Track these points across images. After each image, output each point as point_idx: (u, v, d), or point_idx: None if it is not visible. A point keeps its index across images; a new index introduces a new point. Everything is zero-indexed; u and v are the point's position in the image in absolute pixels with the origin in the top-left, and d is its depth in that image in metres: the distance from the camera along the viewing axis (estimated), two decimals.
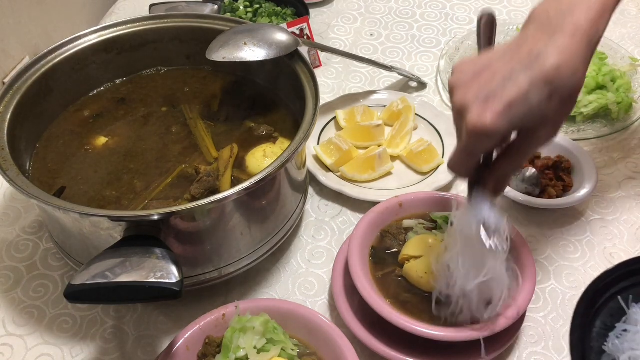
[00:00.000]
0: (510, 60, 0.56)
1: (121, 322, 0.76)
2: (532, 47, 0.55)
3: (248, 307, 0.68)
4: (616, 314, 0.60)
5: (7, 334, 0.75)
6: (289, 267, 0.83)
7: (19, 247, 0.85)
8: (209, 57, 0.82)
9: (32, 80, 0.81)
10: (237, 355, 0.63)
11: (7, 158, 0.70)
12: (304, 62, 0.83)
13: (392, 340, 0.69)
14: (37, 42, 1.18)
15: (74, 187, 0.77)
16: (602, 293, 0.62)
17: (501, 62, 0.56)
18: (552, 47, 0.54)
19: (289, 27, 1.10)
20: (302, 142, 0.71)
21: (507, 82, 0.54)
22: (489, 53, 0.59)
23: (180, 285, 0.58)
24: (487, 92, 0.55)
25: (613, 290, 0.62)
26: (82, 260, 0.73)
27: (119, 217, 0.64)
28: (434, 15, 1.29)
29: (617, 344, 0.57)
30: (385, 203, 0.79)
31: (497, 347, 0.68)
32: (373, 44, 1.22)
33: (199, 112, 0.88)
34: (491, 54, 0.59)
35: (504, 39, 1.17)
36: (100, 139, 0.84)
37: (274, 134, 0.85)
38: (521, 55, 0.55)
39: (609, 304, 0.61)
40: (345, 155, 0.92)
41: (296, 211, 0.81)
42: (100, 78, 0.91)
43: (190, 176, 0.78)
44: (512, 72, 0.55)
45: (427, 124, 1.01)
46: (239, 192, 0.66)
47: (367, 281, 0.70)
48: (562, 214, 0.88)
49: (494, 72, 0.56)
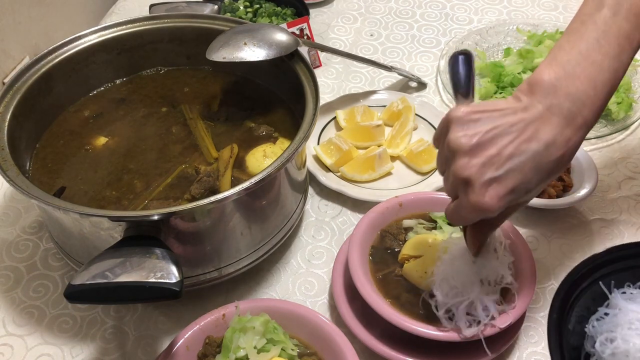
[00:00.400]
0: (518, 139, 0.55)
1: (121, 322, 0.76)
2: (542, 133, 0.55)
3: (248, 307, 0.68)
4: (599, 299, 0.62)
5: (7, 334, 0.75)
6: (289, 267, 0.83)
7: (19, 247, 0.85)
8: (209, 57, 0.82)
9: (32, 80, 0.81)
10: (237, 355, 0.63)
11: (7, 158, 0.70)
12: (304, 62, 0.83)
13: (392, 340, 0.69)
14: (37, 42, 1.18)
15: (74, 187, 0.77)
16: (584, 278, 0.64)
17: (507, 138, 0.56)
18: (561, 139, 0.55)
19: (289, 27, 1.10)
20: (302, 142, 0.71)
21: (513, 167, 0.55)
22: (494, 112, 0.57)
23: (180, 285, 0.58)
24: (492, 174, 0.55)
25: (596, 275, 0.64)
26: (82, 260, 0.73)
27: (119, 217, 0.64)
28: (434, 15, 1.29)
29: (596, 326, 0.60)
30: (385, 203, 0.79)
31: (497, 347, 0.68)
32: (373, 44, 1.22)
33: (199, 112, 0.88)
34: (495, 115, 0.57)
35: (504, 39, 1.17)
36: (100, 139, 0.84)
37: (274, 134, 0.85)
38: (529, 138, 0.55)
39: (592, 289, 0.63)
40: (345, 155, 0.92)
41: (296, 211, 0.81)
42: (100, 78, 0.91)
43: (190, 176, 0.78)
44: (519, 155, 0.55)
45: (427, 124, 1.01)
46: (239, 192, 0.66)
47: (367, 281, 0.70)
48: (562, 214, 0.88)
49: (500, 150, 0.55)
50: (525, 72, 1.06)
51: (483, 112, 0.57)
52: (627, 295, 0.61)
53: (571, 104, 0.55)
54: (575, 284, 0.63)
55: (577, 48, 0.57)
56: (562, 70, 0.56)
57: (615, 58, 0.56)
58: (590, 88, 0.56)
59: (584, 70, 0.56)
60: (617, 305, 0.60)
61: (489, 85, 1.05)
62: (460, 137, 0.57)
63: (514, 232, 0.75)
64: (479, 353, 0.67)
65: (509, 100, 0.58)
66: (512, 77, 1.05)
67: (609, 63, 0.56)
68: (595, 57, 0.56)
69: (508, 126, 0.56)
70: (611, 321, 0.59)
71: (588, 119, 0.56)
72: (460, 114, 0.57)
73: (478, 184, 0.56)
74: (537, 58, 1.06)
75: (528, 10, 1.30)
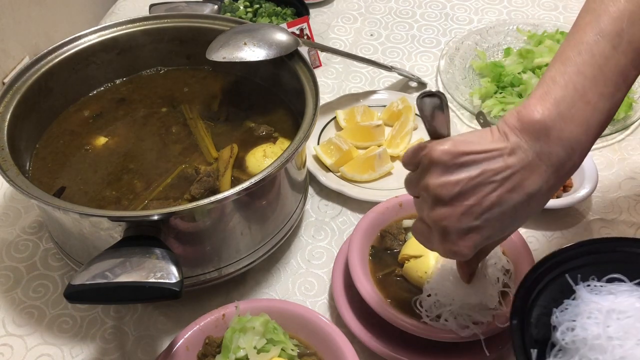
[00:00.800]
0: (501, 189, 0.52)
1: (121, 322, 0.76)
2: (527, 183, 0.52)
3: (248, 307, 0.68)
4: (566, 291, 0.63)
5: (7, 334, 0.75)
6: (289, 267, 0.83)
7: (19, 247, 0.85)
8: (209, 57, 0.82)
9: (32, 80, 0.81)
10: (237, 355, 0.63)
11: (7, 158, 0.70)
12: (304, 62, 0.83)
13: (392, 340, 0.69)
14: (37, 42, 1.18)
15: (74, 187, 0.77)
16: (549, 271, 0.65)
17: (490, 187, 0.52)
18: (546, 187, 0.53)
19: (289, 27, 1.10)
20: (302, 142, 0.71)
21: (492, 217, 0.53)
22: (478, 155, 0.52)
23: (180, 285, 0.58)
24: (469, 224, 0.53)
25: (561, 269, 0.65)
26: (82, 260, 0.73)
27: (118, 217, 0.64)
28: (434, 15, 1.29)
29: (559, 316, 0.61)
30: (385, 203, 0.79)
31: (497, 347, 0.68)
32: (373, 44, 1.22)
33: (199, 112, 0.88)
34: (480, 158, 0.52)
35: (504, 39, 1.17)
36: (100, 139, 0.84)
37: (274, 134, 0.85)
38: (513, 188, 0.52)
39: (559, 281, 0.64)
40: (345, 155, 0.92)
41: (296, 211, 0.81)
42: (100, 78, 0.91)
43: (190, 176, 0.78)
44: (500, 204, 0.52)
45: None
46: (239, 192, 0.66)
47: (367, 281, 0.70)
48: (562, 214, 0.88)
49: (480, 200, 0.52)
50: (525, 72, 1.06)
51: (468, 154, 0.52)
52: (592, 288, 0.63)
53: (562, 150, 0.52)
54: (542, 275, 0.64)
55: (572, 84, 0.52)
56: (556, 110, 0.52)
57: (610, 98, 0.53)
58: (583, 132, 0.52)
59: (578, 111, 0.52)
60: (581, 296, 0.62)
61: (489, 85, 1.05)
62: (441, 186, 0.53)
63: (514, 232, 0.75)
64: (479, 353, 0.67)
65: (495, 136, 0.53)
66: (512, 77, 1.05)
67: (603, 105, 0.52)
68: (590, 97, 0.52)
69: (492, 174, 0.52)
70: (573, 311, 0.61)
71: (576, 164, 0.53)
72: (445, 157, 0.53)
73: (454, 233, 0.54)
74: (537, 58, 1.06)
75: (528, 10, 1.30)
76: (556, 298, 0.63)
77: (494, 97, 1.04)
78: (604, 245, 0.67)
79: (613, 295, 0.61)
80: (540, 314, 0.62)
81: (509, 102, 1.02)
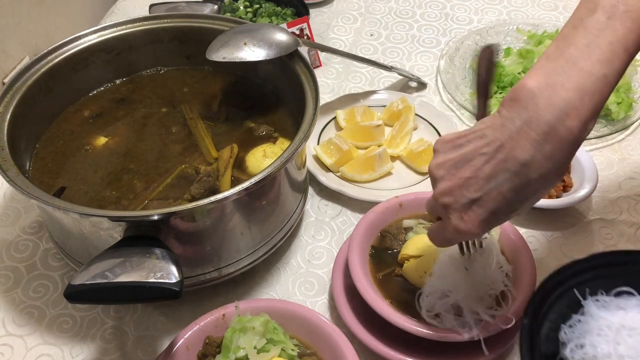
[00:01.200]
0: (493, 160, 0.53)
1: (121, 322, 0.76)
2: (517, 152, 0.52)
3: (248, 307, 0.68)
4: (574, 306, 0.63)
5: (7, 334, 0.75)
6: (289, 267, 0.83)
7: (19, 247, 0.85)
8: (209, 57, 0.82)
9: (32, 80, 0.81)
10: (237, 355, 0.63)
11: (7, 158, 0.70)
12: (304, 62, 0.83)
13: (392, 340, 0.69)
14: (37, 42, 1.18)
15: (74, 187, 0.77)
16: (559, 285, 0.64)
17: (482, 159, 0.53)
18: (540, 156, 0.51)
19: (289, 27, 1.10)
20: (302, 142, 0.71)
21: (492, 189, 0.53)
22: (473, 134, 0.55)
23: (180, 285, 0.58)
24: (470, 196, 0.54)
25: (571, 282, 0.64)
26: (82, 260, 0.73)
27: (118, 217, 0.64)
28: (434, 15, 1.29)
29: (568, 332, 0.61)
30: (385, 203, 0.79)
31: (497, 347, 0.68)
32: (373, 44, 1.22)
33: (199, 112, 0.88)
34: (472, 137, 0.55)
35: (504, 39, 1.17)
36: (100, 139, 0.84)
37: (274, 134, 0.85)
38: (504, 158, 0.52)
39: (567, 296, 0.64)
40: (345, 155, 0.92)
41: (296, 211, 0.81)
42: (100, 78, 0.91)
43: (190, 176, 0.78)
44: (496, 176, 0.53)
45: (427, 124, 1.01)
46: (239, 192, 0.66)
47: (367, 281, 0.70)
48: (562, 214, 0.88)
49: (476, 172, 0.54)
50: (525, 72, 1.06)
51: (461, 137, 0.55)
52: (600, 302, 0.62)
53: (552, 115, 0.51)
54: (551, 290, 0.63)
55: (564, 55, 0.52)
56: (546, 79, 0.52)
57: (606, 64, 0.51)
58: (577, 98, 0.51)
59: (569, 78, 0.51)
60: (589, 312, 0.61)
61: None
62: (438, 165, 0.56)
63: (514, 232, 0.75)
64: (479, 353, 0.67)
65: (493, 116, 0.55)
66: (512, 77, 1.05)
67: (599, 69, 0.51)
68: (583, 64, 0.51)
69: (482, 146, 0.53)
70: (582, 328, 0.60)
71: (573, 130, 0.51)
72: (442, 143, 0.57)
73: (457, 206, 0.55)
74: (537, 58, 1.06)
75: (528, 10, 1.30)
76: (564, 313, 0.62)
77: (494, 97, 1.05)
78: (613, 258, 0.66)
79: (623, 311, 0.60)
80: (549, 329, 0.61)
81: None
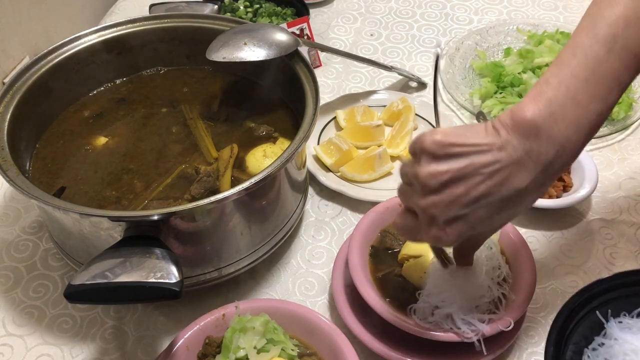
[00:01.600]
0: (489, 181, 0.53)
1: (121, 322, 0.76)
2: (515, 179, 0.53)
3: (248, 307, 0.68)
4: (596, 328, 0.62)
5: (7, 334, 0.75)
6: (289, 267, 0.83)
7: (19, 247, 0.85)
8: (209, 57, 0.82)
9: (32, 80, 0.81)
10: (237, 355, 0.63)
11: (7, 158, 0.70)
12: (304, 62, 0.83)
13: (392, 340, 0.69)
14: (37, 42, 1.18)
15: (74, 187, 0.77)
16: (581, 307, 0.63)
17: (478, 179, 0.53)
18: (534, 185, 0.54)
19: (289, 27, 1.10)
20: (302, 142, 0.71)
21: (480, 207, 0.54)
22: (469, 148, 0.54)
23: (180, 285, 0.58)
24: (456, 212, 0.54)
25: (593, 304, 0.63)
26: (82, 260, 0.73)
27: (118, 217, 0.64)
28: (434, 15, 1.29)
29: (591, 356, 0.59)
30: (385, 203, 0.79)
31: (497, 347, 0.68)
32: (373, 44, 1.22)
33: (199, 112, 0.88)
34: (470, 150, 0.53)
35: (504, 39, 1.17)
36: (100, 139, 0.84)
37: (274, 134, 0.85)
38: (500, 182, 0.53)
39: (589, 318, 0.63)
40: (345, 155, 0.92)
41: (296, 211, 0.81)
42: (100, 78, 0.91)
43: (190, 176, 0.78)
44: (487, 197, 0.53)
45: (427, 124, 1.01)
46: (239, 192, 0.66)
47: (367, 281, 0.70)
48: (562, 214, 0.88)
49: (469, 190, 0.53)
50: (525, 72, 1.06)
51: (459, 145, 0.53)
52: (624, 324, 0.61)
53: (552, 149, 0.53)
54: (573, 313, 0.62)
55: (564, 85, 0.53)
56: (547, 110, 0.53)
57: (602, 101, 0.53)
58: (573, 132, 0.53)
59: (568, 112, 0.53)
60: (613, 335, 0.60)
61: (489, 85, 1.05)
62: (431, 174, 0.54)
63: (514, 232, 0.75)
64: (479, 353, 0.67)
65: (488, 131, 0.54)
66: (512, 77, 1.05)
67: (595, 106, 0.53)
68: (581, 99, 0.53)
69: (480, 166, 0.53)
70: (607, 352, 0.59)
71: (566, 162, 0.54)
72: (434, 146, 0.54)
73: (441, 220, 0.55)
74: (537, 58, 1.06)
75: (528, 10, 1.30)
76: (586, 335, 0.61)
77: (494, 97, 1.04)
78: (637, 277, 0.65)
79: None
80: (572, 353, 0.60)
81: (509, 102, 1.02)
